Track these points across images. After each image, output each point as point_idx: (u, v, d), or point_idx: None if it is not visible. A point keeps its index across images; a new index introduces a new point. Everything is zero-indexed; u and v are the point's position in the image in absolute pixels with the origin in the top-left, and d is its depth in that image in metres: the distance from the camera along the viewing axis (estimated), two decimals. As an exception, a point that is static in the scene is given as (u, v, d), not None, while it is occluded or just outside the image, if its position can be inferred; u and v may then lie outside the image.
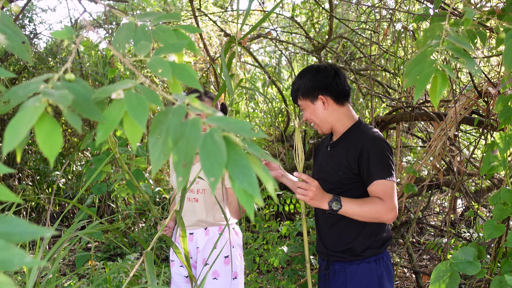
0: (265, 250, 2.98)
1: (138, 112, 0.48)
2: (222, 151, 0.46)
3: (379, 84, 3.93)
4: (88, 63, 5.39)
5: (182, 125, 0.48)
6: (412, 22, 2.10)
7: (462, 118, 2.64)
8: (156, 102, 0.50)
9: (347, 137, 1.65)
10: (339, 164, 1.62)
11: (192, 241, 1.98)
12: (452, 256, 1.42)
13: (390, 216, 1.51)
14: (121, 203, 4.60)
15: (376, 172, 1.53)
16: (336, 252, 1.66)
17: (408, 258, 3.26)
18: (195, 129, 0.48)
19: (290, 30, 4.79)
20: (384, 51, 3.74)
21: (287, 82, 5.64)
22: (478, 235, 3.08)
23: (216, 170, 0.45)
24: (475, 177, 3.33)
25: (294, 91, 1.68)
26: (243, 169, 0.47)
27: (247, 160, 0.47)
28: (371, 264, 1.63)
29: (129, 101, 0.49)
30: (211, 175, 0.45)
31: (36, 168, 4.98)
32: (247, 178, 0.46)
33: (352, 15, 4.71)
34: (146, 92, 0.51)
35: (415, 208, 4.46)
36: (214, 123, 0.49)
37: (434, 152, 2.67)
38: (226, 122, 0.49)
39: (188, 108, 0.51)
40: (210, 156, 0.46)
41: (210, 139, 0.47)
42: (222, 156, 0.46)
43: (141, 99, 0.50)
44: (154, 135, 0.49)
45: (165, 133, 0.49)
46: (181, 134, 0.48)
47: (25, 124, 0.45)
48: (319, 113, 1.64)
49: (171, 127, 0.49)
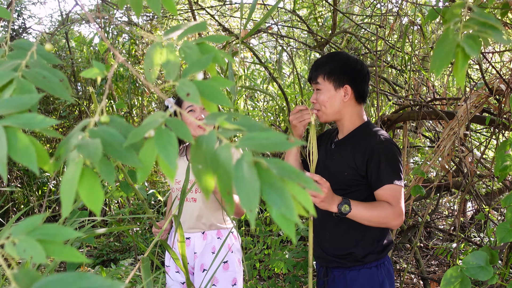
0: (265, 256, 2.98)
1: (168, 153, 0.51)
2: (255, 179, 0.47)
3: (385, 81, 3.93)
4: (80, 59, 5.39)
5: (215, 154, 0.50)
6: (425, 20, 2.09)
7: (473, 116, 2.64)
8: (186, 137, 0.51)
9: (355, 136, 1.64)
10: (344, 164, 1.61)
11: (189, 246, 1.97)
12: (463, 260, 1.42)
13: (397, 222, 1.52)
14: (114, 206, 4.60)
15: (387, 176, 1.53)
16: (336, 257, 1.66)
17: (416, 263, 3.26)
18: (227, 157, 0.49)
19: (292, 24, 4.79)
20: (390, 47, 3.74)
21: (288, 79, 5.64)
22: (489, 239, 3.08)
23: (252, 200, 0.46)
24: (486, 178, 3.33)
25: (320, 69, 1.62)
26: (278, 193, 0.47)
27: (280, 183, 0.48)
28: (372, 270, 1.63)
29: (159, 141, 0.51)
30: (248, 207, 0.46)
31: (25, 169, 4.97)
32: (283, 202, 0.47)
33: (356, 9, 4.71)
34: (176, 127, 0.53)
35: (423, 211, 4.46)
36: (245, 144, 0.50)
37: (443, 153, 2.67)
38: (259, 140, 0.50)
39: (220, 132, 0.52)
40: (245, 185, 0.47)
41: (241, 167, 0.48)
42: (256, 184, 0.47)
43: (171, 136, 0.52)
44: (196, 167, 0.52)
45: (204, 164, 0.51)
46: (217, 163, 0.50)
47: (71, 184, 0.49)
48: (336, 101, 1.62)
49: (207, 157, 0.50)
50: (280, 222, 0.48)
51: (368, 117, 1.79)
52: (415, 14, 3.28)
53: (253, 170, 0.48)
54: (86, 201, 0.50)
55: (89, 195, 0.51)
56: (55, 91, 0.59)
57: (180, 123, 0.53)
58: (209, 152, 0.50)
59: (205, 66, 0.58)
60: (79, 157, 0.50)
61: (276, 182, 0.48)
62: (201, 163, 0.51)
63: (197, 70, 0.58)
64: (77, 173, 0.49)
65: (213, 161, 0.50)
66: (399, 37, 3.74)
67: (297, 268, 2.81)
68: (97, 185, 0.51)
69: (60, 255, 0.48)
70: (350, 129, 1.66)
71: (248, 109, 4.85)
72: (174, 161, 0.51)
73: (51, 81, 0.59)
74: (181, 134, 0.52)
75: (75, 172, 0.49)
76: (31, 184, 4.94)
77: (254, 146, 0.49)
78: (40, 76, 0.59)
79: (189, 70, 0.58)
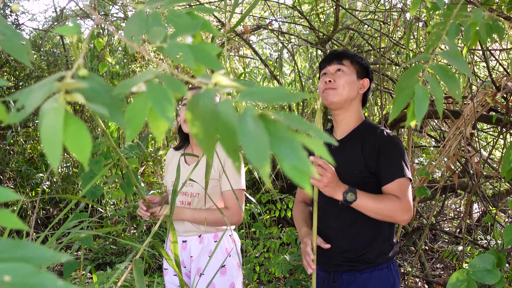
0: (265, 259, 2.98)
1: (164, 107, 0.48)
2: (263, 132, 0.46)
3: (389, 79, 3.93)
4: (74, 56, 5.39)
5: (215, 111, 0.48)
6: (426, 12, 2.11)
7: (479, 115, 2.64)
8: (181, 91, 0.49)
9: (359, 134, 1.66)
10: (352, 163, 1.61)
11: (186, 249, 1.97)
12: (469, 264, 1.42)
13: (406, 217, 1.53)
14: (110, 208, 4.60)
15: (399, 170, 1.57)
16: (347, 260, 1.64)
17: (421, 267, 3.26)
18: (229, 112, 0.47)
19: (293, 20, 4.79)
20: (394, 44, 3.74)
21: (289, 77, 5.64)
22: (496, 242, 3.08)
23: (263, 155, 0.45)
24: (492, 179, 3.33)
25: (346, 54, 1.69)
26: (289, 145, 0.46)
27: (291, 135, 0.47)
28: (384, 271, 1.63)
29: (153, 95, 0.49)
30: (259, 162, 0.44)
31: (18, 169, 4.97)
32: (295, 155, 0.46)
33: (359, 5, 4.71)
34: (169, 82, 0.50)
35: (428, 213, 4.46)
36: (247, 98, 0.49)
37: (448, 153, 2.67)
38: (260, 94, 0.49)
39: (217, 88, 0.50)
40: (253, 139, 0.45)
41: (246, 121, 0.46)
42: (264, 138, 0.45)
43: (165, 90, 0.49)
44: (194, 126, 0.49)
45: (203, 123, 0.48)
46: (219, 121, 0.48)
47: (54, 132, 0.46)
48: (354, 88, 1.66)
49: (206, 115, 0.48)
50: (293, 174, 0.46)
51: (372, 116, 1.81)
52: (420, 9, 3.28)
53: (260, 123, 0.46)
54: (73, 149, 0.47)
55: (76, 143, 0.47)
56: (14, 51, 0.57)
57: (173, 78, 0.51)
58: (207, 109, 0.48)
59: (195, 30, 0.57)
60: (60, 99, 0.47)
61: (286, 134, 0.46)
62: (200, 122, 0.49)
63: (186, 33, 0.57)
64: (59, 120, 0.46)
65: (212, 118, 0.48)
66: (403, 33, 3.74)
67: (298, 272, 2.81)
68: (84, 131, 0.48)
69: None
70: (352, 126, 1.68)
71: (248, 108, 4.86)
72: (170, 118, 0.48)
73: (11, 41, 0.57)
74: (175, 88, 0.49)
75: (57, 119, 0.46)
76: (24, 185, 4.94)
77: (256, 100, 0.48)
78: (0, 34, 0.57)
79: (177, 33, 0.57)
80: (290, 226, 3.67)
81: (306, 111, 4.45)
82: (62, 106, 0.47)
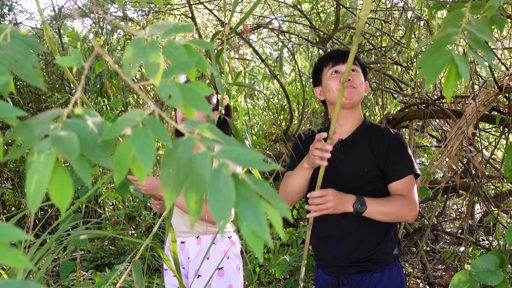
0: (265, 260, 2.98)
1: (145, 155, 0.50)
2: (231, 190, 0.47)
3: (390, 78, 3.93)
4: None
5: (191, 160, 0.49)
6: (428, 11, 2.11)
7: (481, 115, 2.64)
8: (164, 139, 0.51)
9: (364, 132, 1.67)
10: (362, 161, 1.62)
11: (184, 250, 1.97)
12: (471, 265, 1.42)
13: (414, 213, 1.56)
14: (109, 208, 4.60)
15: (409, 166, 1.60)
16: (358, 261, 1.63)
17: (422, 268, 3.26)
18: (204, 165, 0.49)
19: (293, 19, 4.79)
20: (395, 43, 3.74)
21: (290, 76, 5.64)
22: (498, 243, 3.08)
23: (225, 212, 0.46)
24: (495, 179, 3.33)
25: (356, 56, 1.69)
26: (252, 208, 0.48)
27: (256, 199, 0.48)
28: (393, 270, 1.65)
29: (136, 141, 0.50)
30: (219, 217, 0.46)
31: (16, 170, 4.97)
32: (256, 218, 0.47)
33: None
34: (154, 127, 0.52)
35: (429, 213, 4.46)
36: (224, 156, 0.50)
37: (450, 153, 2.67)
38: (237, 154, 0.50)
39: (198, 139, 0.52)
40: (220, 196, 0.47)
41: (218, 177, 0.48)
42: (231, 196, 0.47)
43: (148, 137, 0.51)
44: (165, 170, 0.51)
45: (176, 169, 0.50)
46: (190, 170, 0.49)
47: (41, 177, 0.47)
48: (364, 90, 1.68)
49: (181, 162, 0.50)
50: (249, 238, 0.48)
51: (373, 116, 1.82)
52: (421, 8, 3.28)
53: (230, 182, 0.48)
54: (54, 198, 0.49)
55: (58, 192, 0.49)
56: (27, 76, 0.58)
57: (159, 123, 0.52)
58: (184, 157, 0.50)
59: (189, 69, 0.58)
60: (50, 149, 0.48)
61: (252, 197, 0.48)
62: (172, 168, 0.50)
63: (180, 72, 0.58)
64: (49, 166, 0.47)
65: (186, 167, 0.49)
66: (404, 32, 3.74)
67: (298, 273, 2.81)
68: (68, 181, 0.50)
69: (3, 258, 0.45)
70: (355, 126, 1.68)
71: (249, 108, 4.85)
72: (150, 165, 0.49)
73: (24, 66, 0.58)
74: (159, 135, 0.51)
75: (47, 165, 0.47)
76: (22, 186, 4.94)
77: (232, 159, 0.50)
78: (13, 60, 0.58)
79: (171, 70, 0.58)
80: (290, 227, 3.66)
81: (307, 110, 4.45)
82: (54, 154, 0.48)
